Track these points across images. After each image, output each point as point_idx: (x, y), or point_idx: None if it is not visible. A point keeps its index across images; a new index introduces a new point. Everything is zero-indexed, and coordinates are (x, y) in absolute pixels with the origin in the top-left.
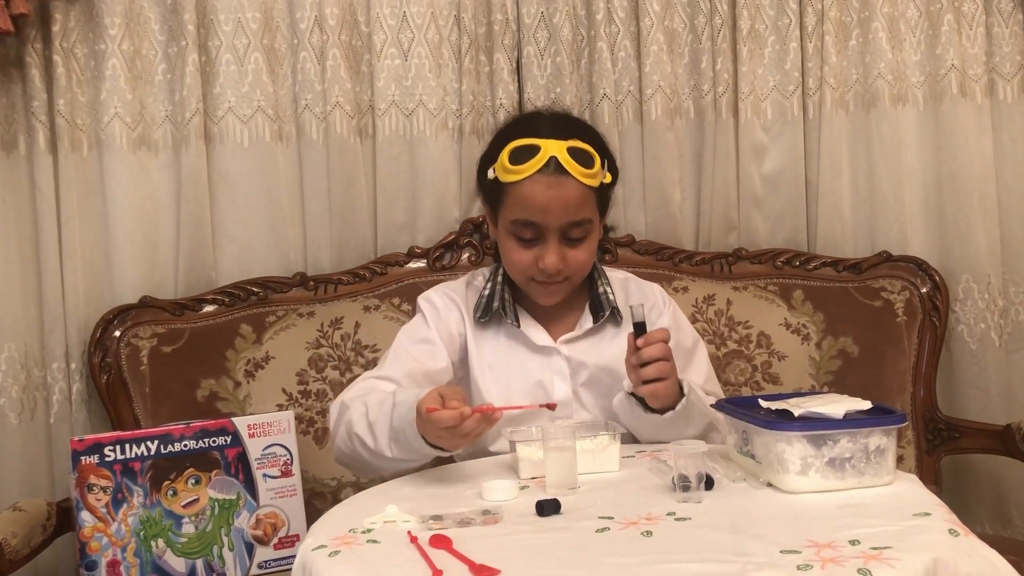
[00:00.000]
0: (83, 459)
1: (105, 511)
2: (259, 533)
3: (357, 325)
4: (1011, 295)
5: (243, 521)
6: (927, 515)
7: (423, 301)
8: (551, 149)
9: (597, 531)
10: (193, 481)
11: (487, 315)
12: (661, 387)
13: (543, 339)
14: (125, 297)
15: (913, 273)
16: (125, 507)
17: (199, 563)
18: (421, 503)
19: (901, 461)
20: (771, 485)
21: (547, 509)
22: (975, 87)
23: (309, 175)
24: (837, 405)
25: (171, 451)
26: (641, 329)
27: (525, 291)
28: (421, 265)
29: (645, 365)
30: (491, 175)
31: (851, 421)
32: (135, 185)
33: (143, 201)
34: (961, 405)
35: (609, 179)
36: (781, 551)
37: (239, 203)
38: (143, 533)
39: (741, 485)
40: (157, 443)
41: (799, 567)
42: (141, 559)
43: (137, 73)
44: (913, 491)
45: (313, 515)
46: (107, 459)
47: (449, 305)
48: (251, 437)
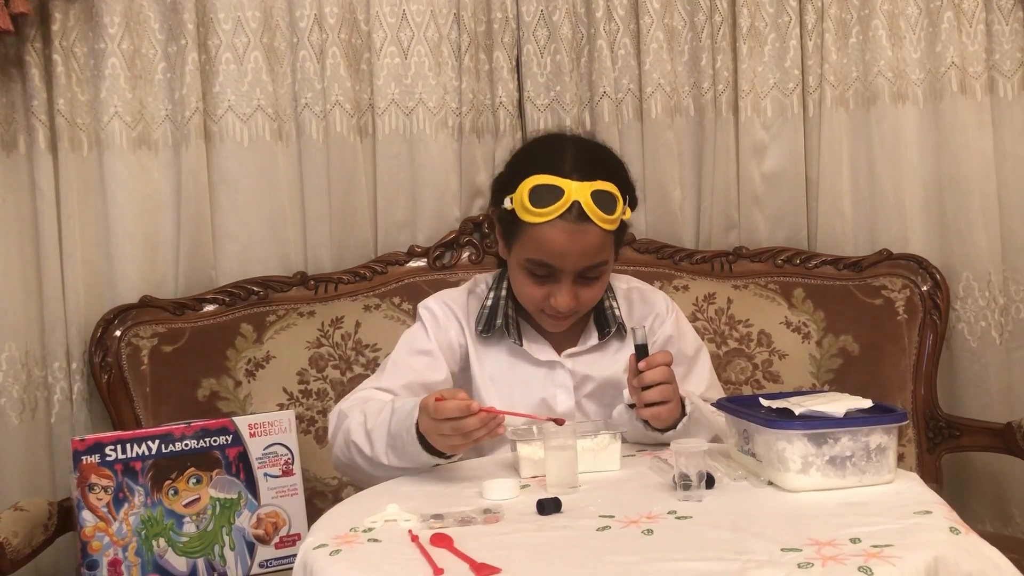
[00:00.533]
0: (84, 459)
1: (106, 510)
2: (260, 532)
3: (358, 324)
4: (1012, 293)
5: (244, 520)
6: (928, 513)
7: (423, 310)
8: (574, 193)
9: (598, 530)
10: (194, 480)
11: (490, 330)
12: (664, 410)
13: (547, 354)
14: (125, 297)
15: (914, 271)
16: (126, 506)
17: (200, 562)
18: (422, 502)
19: (902, 459)
20: (772, 484)
21: (548, 508)
22: (975, 85)
23: (309, 174)
24: (838, 403)
25: (172, 450)
26: (643, 352)
27: (534, 316)
28: (421, 264)
29: (647, 388)
30: (508, 205)
31: (852, 420)
32: (135, 184)
33: (143, 200)
34: (962, 403)
35: (629, 215)
36: (782, 549)
37: (239, 202)
38: (144, 532)
39: (742, 484)
40: (158, 443)
41: (800, 565)
42: (142, 558)
43: (137, 72)
44: (914, 489)
45: (314, 514)
46: (108, 459)
47: (449, 316)
48: (252, 436)
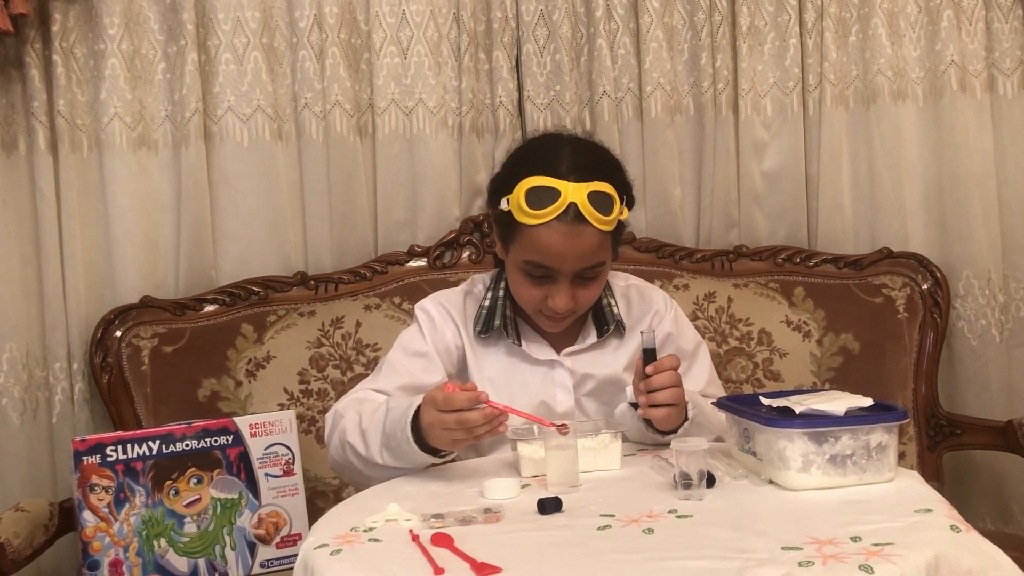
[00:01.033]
0: (85, 459)
1: (107, 511)
2: (261, 532)
3: (358, 324)
4: (1011, 291)
5: (245, 520)
6: (929, 511)
7: (419, 311)
8: (570, 195)
9: (599, 529)
10: (195, 481)
11: (488, 331)
12: (670, 412)
13: (546, 354)
14: (126, 297)
15: (914, 269)
16: (127, 507)
17: (201, 562)
18: (423, 501)
19: (903, 458)
20: (772, 482)
21: (549, 507)
22: (975, 83)
23: (309, 174)
24: (838, 402)
25: (173, 451)
26: (651, 356)
27: (531, 317)
28: (422, 264)
29: (653, 391)
30: (504, 206)
31: (852, 418)
32: (135, 185)
33: (143, 201)
34: (962, 401)
35: (626, 215)
36: (783, 548)
37: (239, 202)
38: (145, 533)
39: (743, 482)
40: (159, 443)
41: (801, 564)
42: (143, 559)
43: (137, 73)
44: (915, 487)
45: (315, 514)
46: (109, 459)
47: (445, 317)
48: (253, 436)
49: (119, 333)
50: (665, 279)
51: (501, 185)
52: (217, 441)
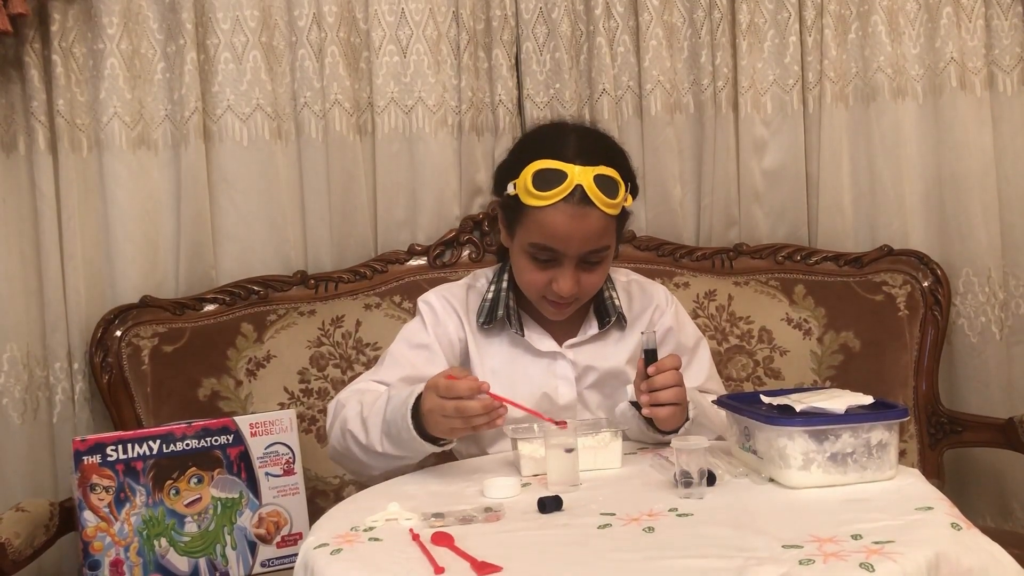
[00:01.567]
0: (85, 459)
1: (108, 511)
2: (262, 532)
3: (358, 323)
4: (1011, 288)
5: (246, 520)
6: (929, 509)
7: (422, 304)
8: (577, 177)
9: (599, 527)
10: (195, 480)
11: (491, 322)
12: (672, 412)
13: (548, 345)
14: (126, 297)
15: (915, 267)
16: (128, 507)
17: (202, 562)
18: (423, 501)
19: (903, 455)
20: (773, 480)
21: (549, 506)
22: (975, 80)
23: (309, 173)
24: (839, 400)
25: (173, 450)
26: (652, 356)
27: (535, 304)
28: (422, 263)
29: (655, 390)
30: (511, 190)
31: (853, 416)
32: (135, 184)
33: (143, 200)
34: (961, 399)
35: (630, 202)
36: (783, 546)
37: (239, 202)
38: (146, 532)
39: (743, 481)
40: (159, 442)
41: (801, 562)
42: (144, 558)
43: (136, 72)
44: (915, 485)
45: (315, 513)
46: (109, 459)
47: (448, 310)
48: (253, 436)
49: (119, 333)
50: (665, 277)
51: (507, 170)
52: (217, 440)
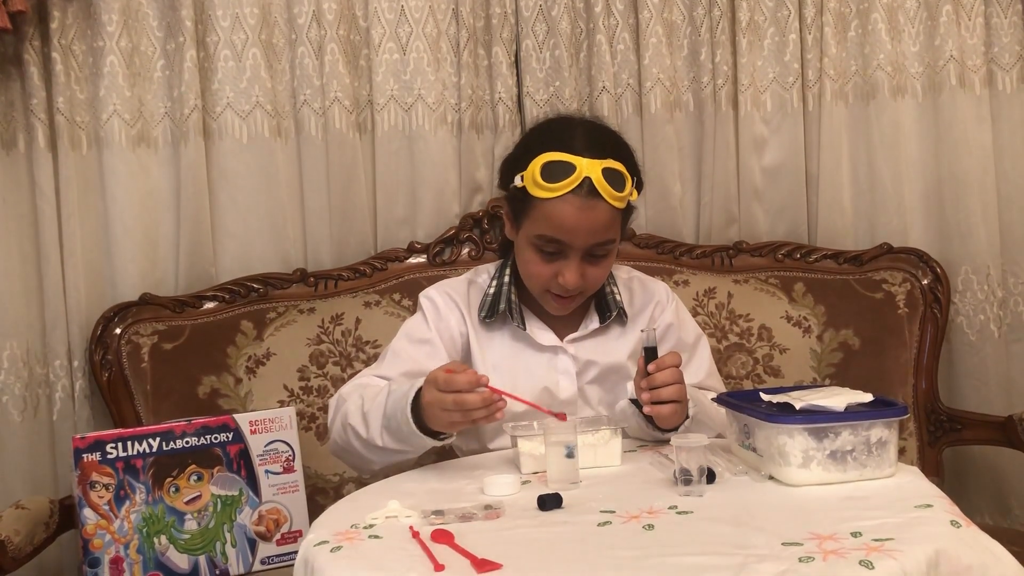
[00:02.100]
0: (85, 456)
1: (108, 508)
2: (261, 529)
3: (358, 321)
4: (1010, 286)
5: (245, 517)
6: (929, 507)
7: (424, 299)
8: (585, 169)
9: (599, 525)
10: (195, 478)
11: (492, 315)
12: (674, 409)
13: (550, 339)
14: (125, 294)
15: (914, 265)
16: (127, 504)
17: (202, 559)
18: (423, 498)
19: (903, 453)
20: (773, 478)
21: (549, 503)
22: (974, 78)
23: (308, 171)
24: (838, 398)
25: (173, 448)
26: (652, 354)
27: (538, 299)
28: (421, 260)
29: (656, 388)
30: (519, 182)
31: (853, 414)
32: (134, 182)
33: (143, 198)
34: (960, 396)
35: (635, 196)
36: (783, 543)
37: (238, 199)
38: (146, 530)
39: (743, 478)
40: (159, 440)
41: (801, 559)
42: (144, 556)
43: (135, 70)
44: (915, 483)
45: (315, 511)
46: (109, 456)
47: (450, 305)
48: (253, 433)
49: (119, 330)
50: (665, 275)
51: (514, 163)
52: (217, 438)
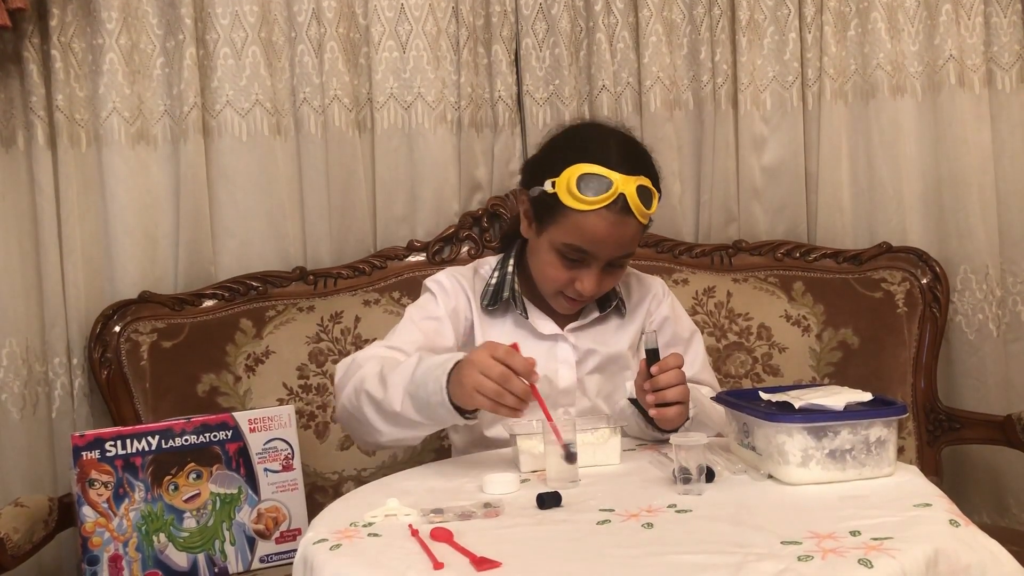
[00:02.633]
0: (84, 454)
1: (107, 506)
2: (260, 527)
3: (357, 319)
4: (1009, 285)
5: (244, 515)
6: (928, 506)
7: (431, 282)
8: (621, 186)
9: (598, 523)
10: (194, 476)
11: (495, 303)
12: (676, 411)
13: (551, 328)
14: (125, 292)
15: (913, 264)
16: (126, 502)
17: (201, 557)
18: (422, 496)
19: (902, 452)
20: (772, 477)
21: (548, 502)
22: (973, 77)
23: (308, 169)
24: (838, 397)
25: (172, 446)
26: (654, 356)
27: (547, 299)
28: (421, 259)
29: (660, 390)
30: (549, 188)
31: (852, 413)
32: (134, 180)
33: (142, 196)
34: (959, 395)
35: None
36: (782, 542)
37: (238, 197)
38: (145, 528)
39: (742, 477)
40: (158, 438)
41: (800, 558)
42: (143, 554)
43: (135, 67)
44: (914, 482)
45: (314, 509)
46: (108, 454)
47: (457, 287)
48: (252, 431)
49: (118, 328)
50: (664, 274)
51: (545, 166)
52: (216, 436)
